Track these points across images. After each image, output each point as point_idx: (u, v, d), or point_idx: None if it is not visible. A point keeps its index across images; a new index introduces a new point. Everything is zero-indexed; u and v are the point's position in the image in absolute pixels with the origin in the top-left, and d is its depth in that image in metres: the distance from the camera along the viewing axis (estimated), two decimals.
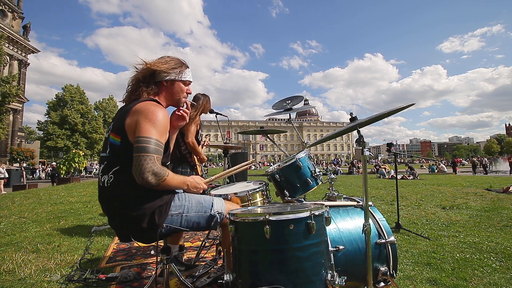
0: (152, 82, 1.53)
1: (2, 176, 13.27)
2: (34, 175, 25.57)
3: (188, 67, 1.65)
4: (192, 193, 1.56)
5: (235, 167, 1.90)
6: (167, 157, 1.53)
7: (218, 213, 1.55)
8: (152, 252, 2.46)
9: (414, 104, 1.52)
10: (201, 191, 1.57)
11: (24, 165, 21.08)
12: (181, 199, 1.50)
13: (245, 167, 1.87)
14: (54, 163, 23.62)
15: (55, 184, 13.83)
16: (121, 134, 1.38)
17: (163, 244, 1.69)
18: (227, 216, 1.39)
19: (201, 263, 2.40)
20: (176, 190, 1.53)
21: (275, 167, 2.05)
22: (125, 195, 1.37)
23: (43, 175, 27.24)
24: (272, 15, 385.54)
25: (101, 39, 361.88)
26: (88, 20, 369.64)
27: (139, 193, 1.36)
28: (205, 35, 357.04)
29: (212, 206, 1.55)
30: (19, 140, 26.99)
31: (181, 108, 1.67)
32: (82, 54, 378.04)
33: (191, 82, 1.66)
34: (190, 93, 1.68)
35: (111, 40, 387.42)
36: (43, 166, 29.64)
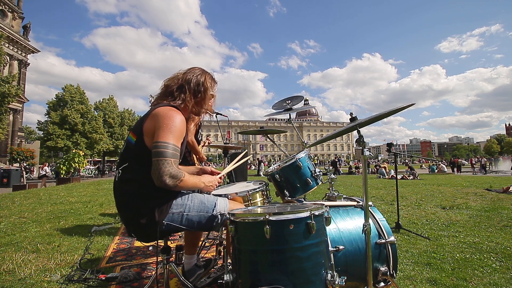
0: (182, 91, 1.58)
1: (49, 175, 13.57)
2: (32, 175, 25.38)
3: (216, 82, 1.76)
4: (206, 192, 1.64)
5: (235, 160, 1.99)
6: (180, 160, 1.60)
7: (220, 214, 1.56)
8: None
9: (414, 104, 1.52)
10: (216, 187, 1.63)
11: (24, 165, 21.05)
12: (184, 198, 1.53)
13: (246, 158, 1.95)
14: (3, 164, 18.94)
15: None
16: (138, 134, 1.45)
17: (163, 244, 1.69)
18: (227, 216, 1.39)
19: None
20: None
21: (275, 167, 2.05)
22: (128, 191, 1.45)
23: (34, 175, 26.78)
24: (270, 15, 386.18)
25: (99, 39, 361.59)
26: (85, 20, 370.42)
27: (140, 190, 1.42)
28: (203, 35, 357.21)
29: (215, 206, 1.57)
30: (19, 140, 26.99)
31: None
32: (80, 54, 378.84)
33: (215, 96, 1.76)
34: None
35: (108, 40, 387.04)
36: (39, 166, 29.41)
